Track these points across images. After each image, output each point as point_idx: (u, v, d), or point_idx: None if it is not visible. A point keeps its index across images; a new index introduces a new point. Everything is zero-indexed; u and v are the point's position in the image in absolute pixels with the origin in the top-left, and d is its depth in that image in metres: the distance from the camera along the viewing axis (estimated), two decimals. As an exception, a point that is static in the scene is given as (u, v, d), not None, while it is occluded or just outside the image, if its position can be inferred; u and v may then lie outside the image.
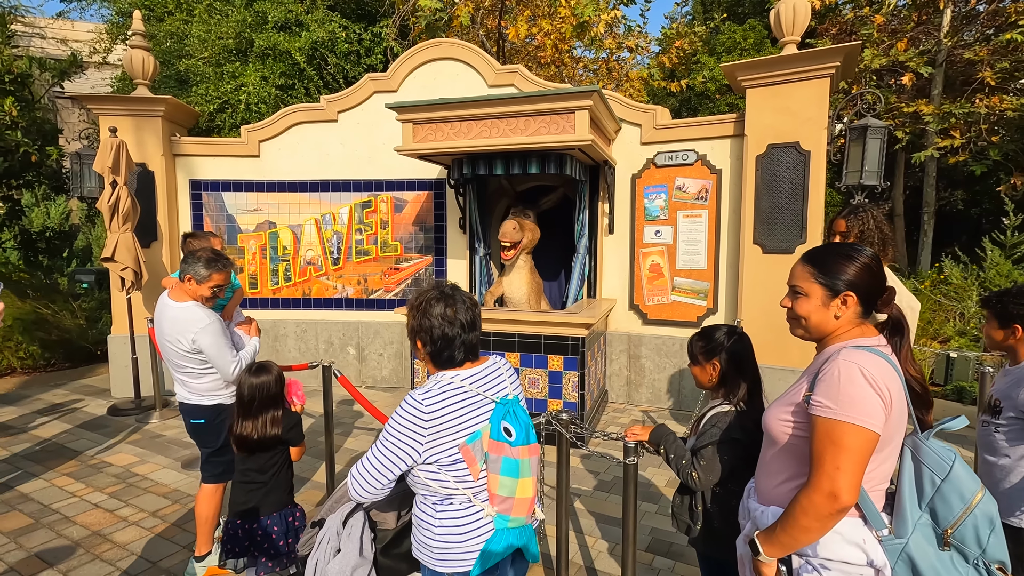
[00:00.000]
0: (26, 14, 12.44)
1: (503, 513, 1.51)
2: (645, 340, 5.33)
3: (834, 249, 1.38)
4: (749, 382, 1.85)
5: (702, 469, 1.77)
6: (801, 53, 4.29)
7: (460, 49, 5.59)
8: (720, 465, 1.77)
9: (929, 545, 1.25)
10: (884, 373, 1.23)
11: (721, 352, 1.86)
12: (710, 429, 1.82)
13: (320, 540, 1.69)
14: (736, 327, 1.92)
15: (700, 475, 1.78)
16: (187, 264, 2.58)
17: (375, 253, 5.99)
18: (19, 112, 5.74)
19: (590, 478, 3.87)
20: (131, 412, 5.23)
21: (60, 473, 3.98)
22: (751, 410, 1.82)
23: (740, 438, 1.76)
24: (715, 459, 1.77)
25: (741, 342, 1.88)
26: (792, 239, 4.51)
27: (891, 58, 8.57)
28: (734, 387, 1.85)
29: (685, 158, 5.02)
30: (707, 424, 1.85)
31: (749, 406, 1.83)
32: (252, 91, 6.85)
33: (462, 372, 1.54)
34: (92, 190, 5.65)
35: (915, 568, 1.25)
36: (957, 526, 1.22)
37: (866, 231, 2.63)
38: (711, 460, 1.77)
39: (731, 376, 1.85)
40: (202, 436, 2.75)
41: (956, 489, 1.22)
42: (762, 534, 1.32)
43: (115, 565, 2.88)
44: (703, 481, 1.79)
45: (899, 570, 1.26)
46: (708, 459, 1.77)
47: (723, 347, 1.86)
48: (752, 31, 11.74)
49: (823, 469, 1.21)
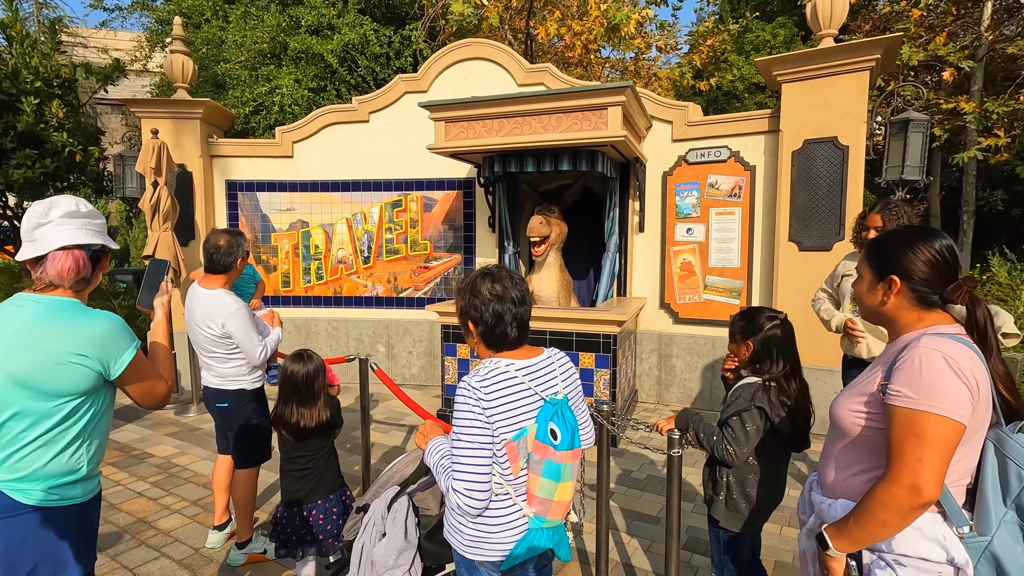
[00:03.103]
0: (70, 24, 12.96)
1: (539, 515, 1.49)
2: (676, 339, 5.27)
3: (895, 232, 1.35)
4: (785, 366, 1.88)
5: (734, 440, 1.83)
6: (840, 46, 4.21)
7: (490, 49, 5.62)
8: (747, 434, 1.81)
9: (1017, 544, 1.18)
10: (970, 361, 1.16)
11: (759, 333, 1.89)
12: (735, 400, 1.88)
13: (366, 524, 1.71)
14: (779, 313, 1.94)
15: (734, 448, 1.83)
16: (233, 254, 2.67)
17: (405, 252, 6.05)
18: (65, 115, 5.95)
19: (623, 476, 3.83)
20: (170, 405, 5.37)
21: (105, 463, 4.10)
22: (783, 391, 1.85)
23: (764, 408, 1.81)
24: (741, 429, 1.82)
25: (780, 328, 1.90)
26: (830, 236, 4.41)
27: (930, 53, 8.34)
28: (765, 365, 1.89)
29: (718, 155, 4.96)
30: (732, 395, 1.92)
31: (783, 387, 1.86)
32: (286, 93, 6.99)
33: (516, 361, 1.51)
34: (133, 191, 5.82)
35: (1000, 567, 1.18)
36: None
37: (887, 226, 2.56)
38: (739, 430, 1.82)
39: (763, 357, 1.89)
40: (227, 420, 2.83)
41: None
42: (832, 528, 1.27)
43: (160, 551, 2.96)
44: (738, 454, 1.83)
45: (982, 569, 1.19)
46: (736, 429, 1.83)
47: (761, 329, 1.89)
48: (782, 28, 11.54)
49: (904, 461, 1.15)
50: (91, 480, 1.50)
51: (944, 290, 1.26)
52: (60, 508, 1.41)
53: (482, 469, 1.43)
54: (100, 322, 1.42)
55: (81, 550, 1.44)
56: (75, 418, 1.41)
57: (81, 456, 1.44)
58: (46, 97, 5.96)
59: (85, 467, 1.45)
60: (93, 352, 1.38)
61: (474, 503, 1.42)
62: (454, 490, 1.42)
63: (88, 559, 1.48)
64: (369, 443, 3.44)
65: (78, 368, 1.38)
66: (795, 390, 1.86)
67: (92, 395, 1.43)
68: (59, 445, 1.39)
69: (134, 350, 1.47)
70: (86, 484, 1.47)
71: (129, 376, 1.47)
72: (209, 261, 2.69)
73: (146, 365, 1.53)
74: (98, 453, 1.51)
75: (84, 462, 1.44)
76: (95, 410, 1.45)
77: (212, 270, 2.69)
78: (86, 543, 1.47)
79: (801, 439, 1.90)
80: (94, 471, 1.50)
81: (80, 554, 1.43)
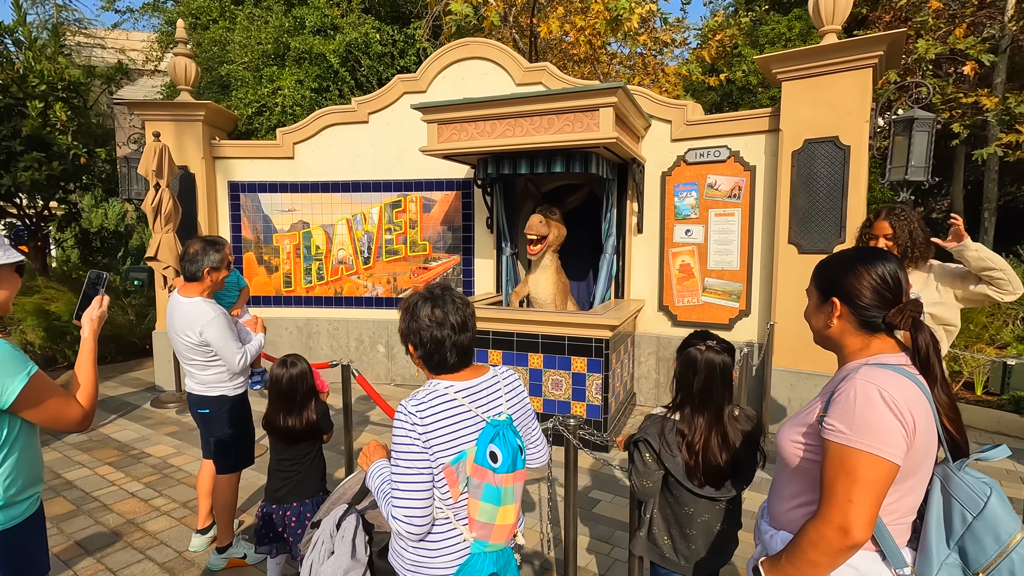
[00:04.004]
0: (88, 26, 13.21)
1: (481, 539, 1.46)
2: (675, 343, 5.18)
3: (840, 254, 1.29)
4: (691, 399, 1.72)
5: (633, 471, 1.78)
6: (840, 43, 4.08)
7: (488, 48, 5.57)
8: (645, 465, 1.74)
9: None
10: (908, 396, 1.10)
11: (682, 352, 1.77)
12: (640, 428, 1.81)
13: (315, 541, 1.70)
14: (723, 341, 1.76)
15: (634, 479, 1.78)
16: (197, 262, 2.68)
17: (404, 252, 6.06)
18: (69, 118, 6.04)
19: (612, 483, 3.79)
20: (172, 405, 5.46)
21: (103, 462, 4.18)
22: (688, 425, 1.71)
23: (650, 441, 1.73)
24: (639, 459, 1.76)
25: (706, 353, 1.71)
26: (830, 238, 4.29)
27: (949, 46, 8.05)
28: (678, 393, 1.78)
29: (717, 155, 4.86)
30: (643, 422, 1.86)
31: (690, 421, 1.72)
32: (288, 94, 7.03)
33: (457, 383, 1.49)
34: (139, 192, 5.92)
35: None
36: (990, 570, 1.08)
37: (898, 234, 2.46)
38: (637, 460, 1.77)
39: (680, 381, 1.77)
40: (208, 425, 2.87)
41: (991, 528, 1.08)
42: (767, 562, 1.23)
43: (145, 553, 3.01)
44: (638, 486, 1.77)
45: None
46: (634, 459, 1.78)
47: (686, 347, 1.76)
48: (798, 21, 11.26)
49: (834, 500, 1.10)
50: (13, 507, 1.47)
51: (887, 314, 1.20)
52: None
53: (420, 495, 1.41)
54: None
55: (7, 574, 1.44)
56: None
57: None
58: (52, 100, 6.08)
59: (1, 496, 1.43)
60: None
61: (414, 529, 1.40)
62: (393, 516, 1.41)
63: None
64: (352, 449, 3.44)
65: None
66: (702, 427, 1.69)
67: None
68: None
69: (25, 378, 1.39)
70: (8, 511, 1.46)
71: (23, 404, 1.41)
72: (182, 269, 2.72)
73: (47, 391, 1.46)
74: (20, 480, 1.47)
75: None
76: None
77: (186, 278, 2.72)
78: (8, 570, 1.46)
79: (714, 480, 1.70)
80: (15, 497, 1.47)
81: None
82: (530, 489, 3.64)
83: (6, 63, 6.10)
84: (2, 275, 1.49)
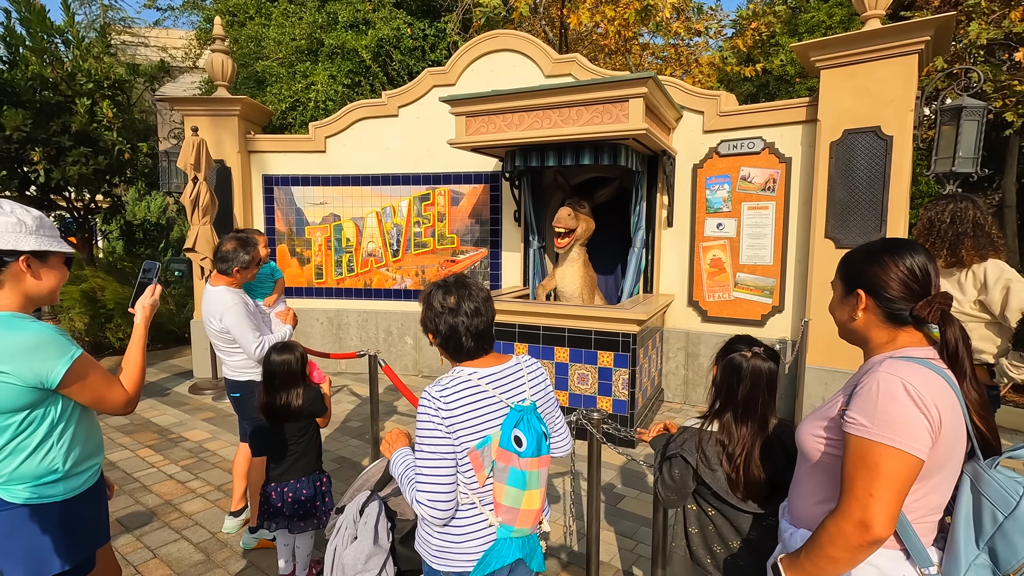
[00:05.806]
0: (132, 25, 13.67)
1: (507, 523, 1.47)
2: (704, 338, 5.09)
3: (867, 245, 1.24)
4: (733, 408, 1.62)
5: (662, 484, 1.71)
6: (883, 28, 3.91)
7: (517, 40, 5.54)
8: (674, 480, 1.66)
9: None
10: (933, 389, 1.06)
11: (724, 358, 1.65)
12: (674, 441, 1.71)
13: (339, 527, 1.74)
14: (768, 347, 1.66)
15: (662, 491, 1.71)
16: (228, 261, 2.78)
17: (432, 245, 6.10)
18: (114, 114, 6.27)
19: (638, 479, 3.75)
20: (209, 391, 5.64)
21: (143, 444, 4.35)
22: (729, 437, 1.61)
23: (685, 457, 1.64)
24: (668, 473, 1.69)
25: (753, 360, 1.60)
26: (870, 232, 4.14)
27: (1003, 30, 7.63)
28: (715, 402, 1.66)
29: (751, 146, 4.73)
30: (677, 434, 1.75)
31: (722, 431, 1.62)
32: (321, 89, 7.14)
33: (480, 369, 1.51)
34: (179, 185, 6.11)
35: None
36: (1021, 571, 1.04)
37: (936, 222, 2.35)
38: (666, 473, 1.69)
39: (720, 390, 1.65)
40: (240, 409, 2.99)
41: (1022, 528, 1.04)
42: (787, 559, 1.21)
43: (180, 533, 3.12)
44: (665, 498, 1.71)
45: None
46: (664, 472, 1.70)
47: (728, 352, 1.65)
48: (839, 8, 10.86)
49: (854, 494, 1.08)
50: (73, 478, 1.55)
51: (915, 306, 1.15)
52: (42, 506, 1.49)
53: (444, 479, 1.42)
54: (23, 336, 1.41)
55: (63, 544, 1.51)
56: (30, 429, 1.46)
57: (55, 459, 1.50)
58: (98, 98, 6.32)
59: (61, 468, 1.51)
60: (12, 367, 1.39)
61: (438, 513, 1.42)
62: (417, 501, 1.43)
63: (74, 552, 1.54)
64: (378, 438, 3.50)
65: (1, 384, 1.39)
66: (744, 437, 1.59)
67: (40, 406, 1.47)
68: (24, 453, 1.46)
69: (69, 361, 1.44)
70: (68, 483, 1.54)
71: (68, 383, 1.46)
72: (214, 263, 2.82)
73: (92, 373, 1.51)
74: (77, 452, 1.55)
75: (59, 463, 1.50)
76: (52, 418, 1.49)
77: (218, 272, 2.82)
78: (70, 537, 1.53)
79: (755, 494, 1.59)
80: (74, 470, 1.55)
81: (61, 548, 1.51)
82: (555, 483, 3.64)
83: (56, 62, 6.36)
84: (53, 264, 1.55)
